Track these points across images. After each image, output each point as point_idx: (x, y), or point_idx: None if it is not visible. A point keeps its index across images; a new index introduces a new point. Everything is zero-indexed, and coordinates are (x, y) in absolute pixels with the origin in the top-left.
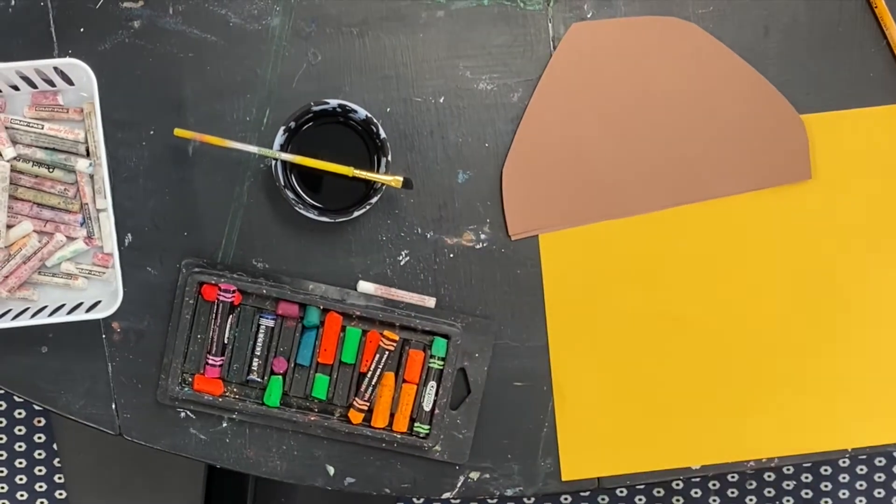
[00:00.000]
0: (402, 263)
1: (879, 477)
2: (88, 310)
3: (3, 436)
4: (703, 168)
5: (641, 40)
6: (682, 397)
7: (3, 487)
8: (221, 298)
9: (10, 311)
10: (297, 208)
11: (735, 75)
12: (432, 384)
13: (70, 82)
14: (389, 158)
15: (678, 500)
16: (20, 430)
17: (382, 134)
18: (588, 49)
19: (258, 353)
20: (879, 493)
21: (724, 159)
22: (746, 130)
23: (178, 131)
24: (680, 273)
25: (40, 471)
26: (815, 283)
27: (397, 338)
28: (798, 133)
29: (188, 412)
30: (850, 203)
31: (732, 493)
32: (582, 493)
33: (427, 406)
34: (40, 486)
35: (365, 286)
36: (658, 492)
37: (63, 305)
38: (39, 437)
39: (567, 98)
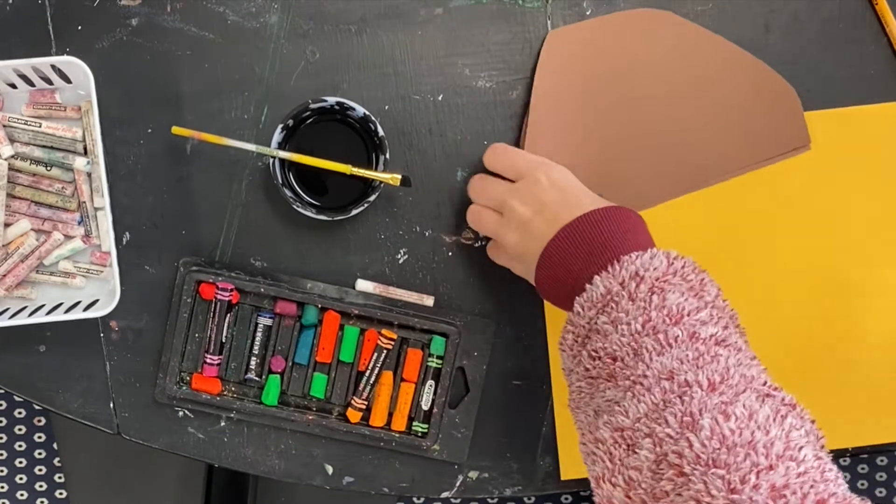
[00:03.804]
0: (400, 262)
1: (881, 476)
2: (86, 308)
3: (3, 435)
4: (702, 152)
5: (618, 36)
6: None
7: (3, 487)
8: (219, 297)
9: (7, 309)
10: (295, 206)
11: (718, 54)
12: (431, 383)
13: (68, 80)
14: (388, 156)
15: None
16: (20, 430)
17: (381, 132)
18: (566, 55)
19: (256, 352)
20: (881, 492)
21: (721, 139)
22: (739, 106)
23: (175, 129)
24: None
25: (40, 470)
26: (816, 281)
27: (395, 336)
28: (790, 100)
29: (186, 411)
30: (851, 200)
31: None
32: (581, 493)
33: (425, 405)
34: (40, 486)
35: (363, 285)
36: None
37: (61, 304)
38: (39, 437)
39: (559, 108)
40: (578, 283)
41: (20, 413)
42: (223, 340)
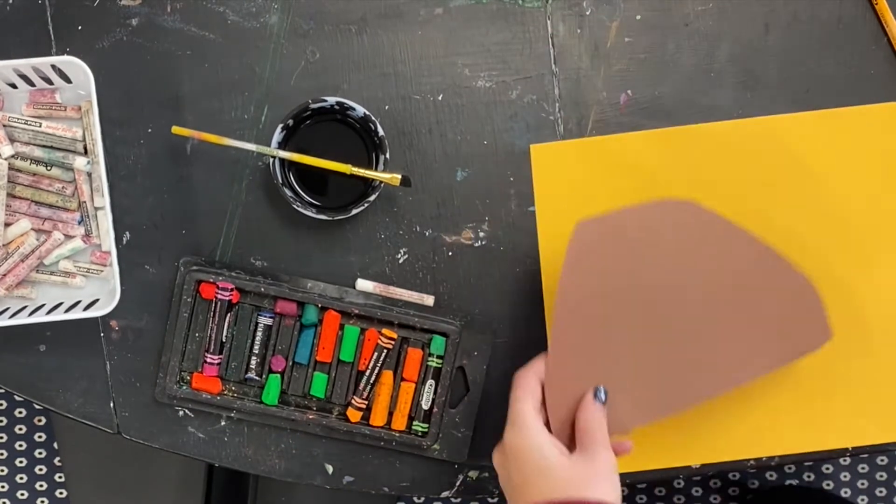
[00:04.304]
0: (400, 261)
1: (881, 476)
2: (86, 308)
3: (3, 435)
4: (727, 354)
5: (644, 229)
6: None
7: (3, 486)
8: (220, 297)
9: (7, 309)
10: (295, 206)
11: (740, 250)
12: (431, 382)
13: (68, 80)
14: (388, 156)
15: (679, 499)
16: (21, 429)
17: (381, 131)
18: (594, 247)
19: (256, 352)
20: (881, 491)
21: (745, 341)
22: (762, 305)
23: (175, 129)
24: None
25: (41, 470)
26: (816, 281)
27: (396, 336)
28: (811, 299)
29: (186, 411)
30: (851, 201)
31: (734, 491)
32: None
33: (426, 404)
34: (41, 485)
35: (363, 284)
36: (659, 490)
37: (61, 304)
38: (40, 436)
39: (586, 300)
40: None
41: (20, 413)
42: (223, 340)
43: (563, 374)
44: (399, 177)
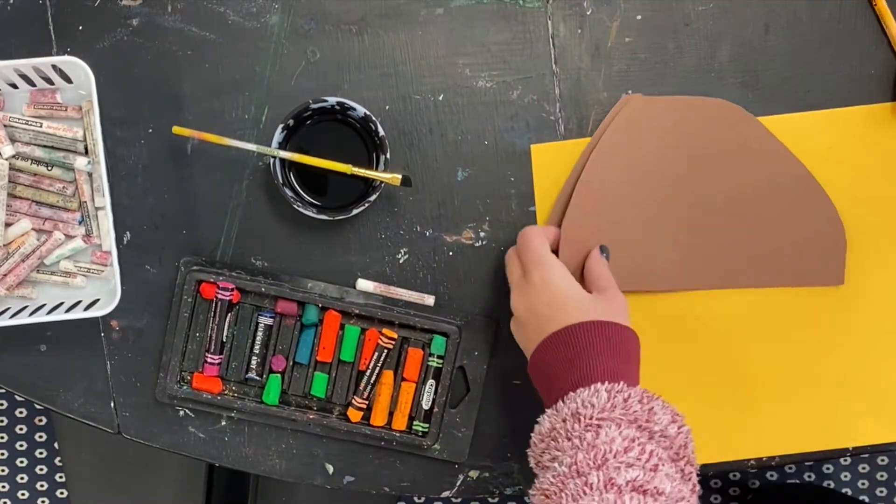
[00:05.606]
0: (401, 261)
1: (882, 476)
2: (87, 308)
3: (4, 435)
4: (737, 256)
5: (690, 119)
6: (681, 395)
7: (4, 486)
8: (220, 297)
9: (8, 309)
10: (295, 206)
11: (781, 165)
12: (431, 382)
13: (69, 80)
14: (388, 156)
15: None
16: (21, 429)
17: (381, 131)
18: (638, 122)
19: (257, 352)
20: (882, 491)
21: (759, 251)
22: (785, 225)
23: (176, 129)
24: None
25: (41, 469)
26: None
27: (396, 336)
28: (836, 236)
29: (187, 410)
30: (851, 201)
31: (734, 491)
32: None
33: (426, 404)
34: (41, 485)
35: (364, 284)
36: None
37: (62, 304)
38: (40, 436)
39: (617, 169)
40: (549, 402)
41: (21, 413)
42: (224, 340)
43: (577, 230)
44: (399, 177)
